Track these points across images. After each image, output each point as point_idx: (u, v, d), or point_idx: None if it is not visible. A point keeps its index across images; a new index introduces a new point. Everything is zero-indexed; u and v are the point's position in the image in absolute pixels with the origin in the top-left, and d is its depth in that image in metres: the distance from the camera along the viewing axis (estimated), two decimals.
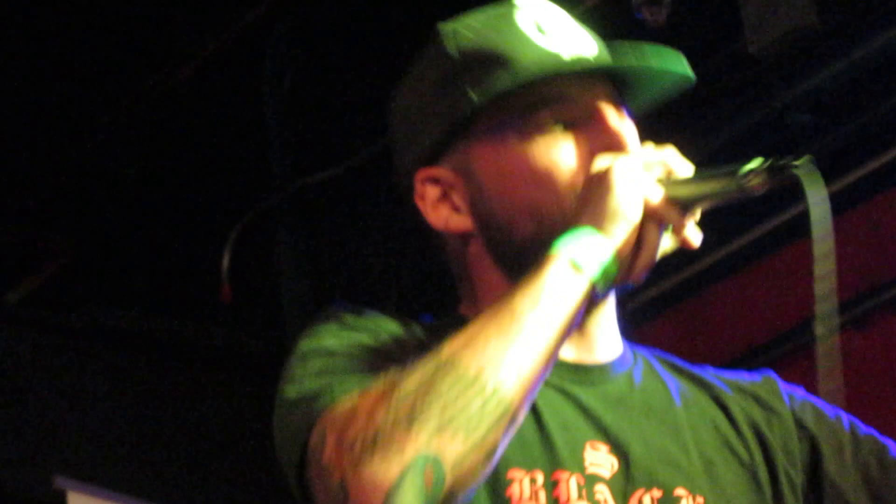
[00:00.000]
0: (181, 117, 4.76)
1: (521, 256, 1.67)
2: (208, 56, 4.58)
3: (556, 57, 1.68)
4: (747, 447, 1.77)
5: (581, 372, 1.80)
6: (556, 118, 1.68)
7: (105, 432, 4.71)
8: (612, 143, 1.64)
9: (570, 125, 1.68)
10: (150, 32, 4.58)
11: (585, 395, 1.78)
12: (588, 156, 1.64)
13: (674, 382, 1.84)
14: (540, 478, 1.71)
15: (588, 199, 1.57)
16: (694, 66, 1.72)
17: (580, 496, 1.69)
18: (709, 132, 4.42)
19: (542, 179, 1.68)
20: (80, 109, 4.67)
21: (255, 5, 4.49)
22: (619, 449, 1.73)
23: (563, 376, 1.76)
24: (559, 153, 1.68)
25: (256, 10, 4.51)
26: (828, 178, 1.53)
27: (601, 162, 1.58)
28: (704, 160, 1.93)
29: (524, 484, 1.71)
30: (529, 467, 1.71)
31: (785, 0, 3.96)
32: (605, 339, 1.81)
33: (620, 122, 1.67)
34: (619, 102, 1.71)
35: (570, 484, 1.70)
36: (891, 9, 4.11)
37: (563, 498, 1.69)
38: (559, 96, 1.68)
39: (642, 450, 1.74)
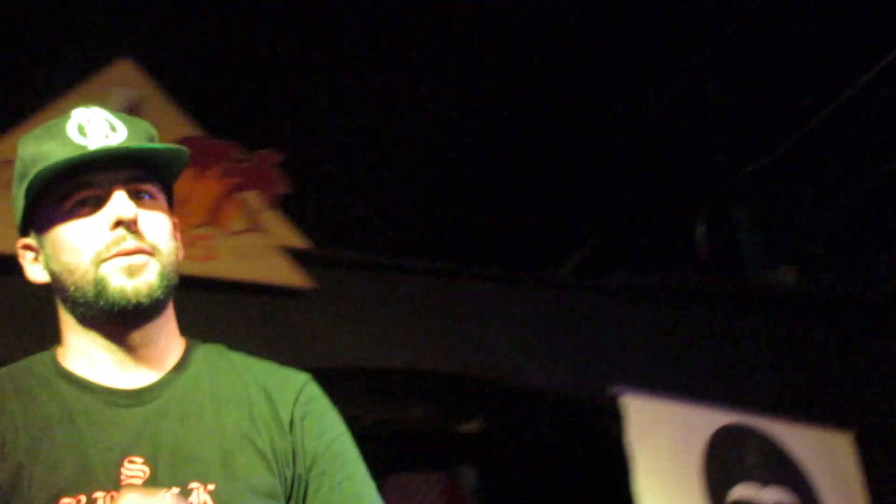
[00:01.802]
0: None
1: (74, 305, 1.87)
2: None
3: (82, 149, 1.85)
4: (262, 441, 1.91)
5: (126, 396, 1.90)
6: (84, 200, 1.86)
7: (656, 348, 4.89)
8: (120, 213, 1.83)
9: (96, 204, 1.85)
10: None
11: (129, 415, 1.88)
12: (102, 225, 1.84)
13: (216, 384, 1.97)
14: (83, 499, 1.79)
15: None
16: None
17: None
18: None
19: (70, 248, 1.85)
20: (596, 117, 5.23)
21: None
22: (151, 458, 1.84)
23: (109, 401, 1.89)
24: (81, 227, 1.85)
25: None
26: None
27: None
28: None
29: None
30: (75, 493, 1.79)
31: None
32: (151, 363, 1.93)
33: (128, 202, 1.84)
34: (141, 180, 1.90)
35: (104, 500, 1.78)
36: None
37: None
38: (86, 183, 1.85)
39: (169, 454, 1.84)
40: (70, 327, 1.92)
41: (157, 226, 1.90)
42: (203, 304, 4.05)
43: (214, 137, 4.30)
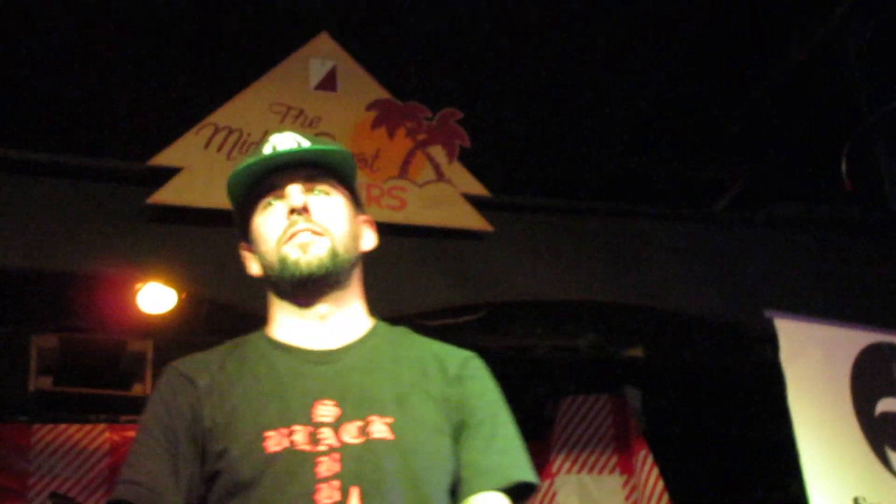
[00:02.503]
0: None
1: (270, 282, 2.11)
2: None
3: (261, 155, 2.08)
4: (433, 388, 2.07)
5: (319, 355, 2.09)
6: (270, 201, 2.09)
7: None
8: (292, 203, 2.05)
9: (278, 201, 2.09)
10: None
11: (321, 370, 2.06)
12: (281, 215, 2.07)
13: (394, 350, 2.13)
14: (284, 431, 1.97)
15: None
16: None
17: (306, 439, 1.96)
18: None
19: (264, 238, 2.09)
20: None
21: None
22: (340, 400, 2.02)
23: (305, 360, 2.08)
24: (268, 220, 2.09)
25: None
26: None
27: None
28: None
29: (273, 438, 1.97)
30: (277, 427, 1.98)
31: None
32: (339, 330, 2.12)
33: (299, 194, 2.06)
34: (315, 178, 2.11)
35: (302, 432, 1.97)
36: None
37: (296, 442, 1.96)
38: (270, 186, 2.09)
39: (353, 397, 2.02)
40: (274, 304, 2.13)
41: (329, 212, 2.10)
42: (397, 247, 4.14)
43: (402, 99, 4.32)
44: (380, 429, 1.97)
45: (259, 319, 2.15)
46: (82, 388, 5.27)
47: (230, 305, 4.07)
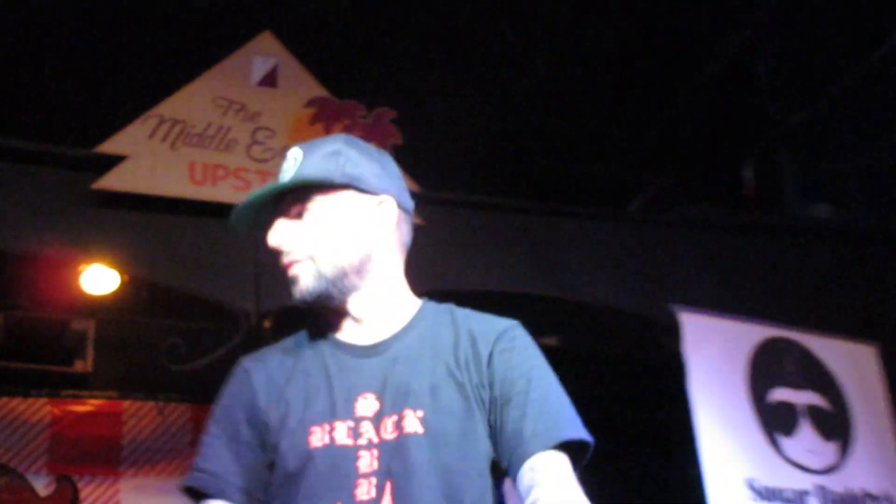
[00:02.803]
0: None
1: None
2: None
3: (247, 198, 2.07)
4: (462, 374, 1.98)
5: (361, 350, 2.05)
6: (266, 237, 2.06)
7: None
8: (270, 245, 2.05)
9: None
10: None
11: (367, 364, 2.03)
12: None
13: (436, 335, 2.05)
14: (326, 427, 1.97)
15: None
16: None
17: (347, 434, 1.95)
18: None
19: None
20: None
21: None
22: (380, 394, 1.98)
23: (352, 354, 2.05)
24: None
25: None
26: None
27: None
28: None
29: (315, 434, 1.97)
30: (321, 423, 1.97)
31: None
32: (381, 324, 2.07)
33: (273, 233, 2.04)
34: (302, 199, 2.03)
35: (342, 427, 1.96)
36: None
37: (336, 437, 1.95)
38: (265, 222, 2.07)
39: (392, 390, 1.98)
40: None
41: (315, 233, 2.02)
42: None
43: (339, 98, 4.34)
44: (412, 423, 1.93)
45: (197, 300, 2.17)
46: (25, 363, 5.23)
47: (170, 287, 4.06)
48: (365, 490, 1.89)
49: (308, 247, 2.02)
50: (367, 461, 1.92)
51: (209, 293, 3.93)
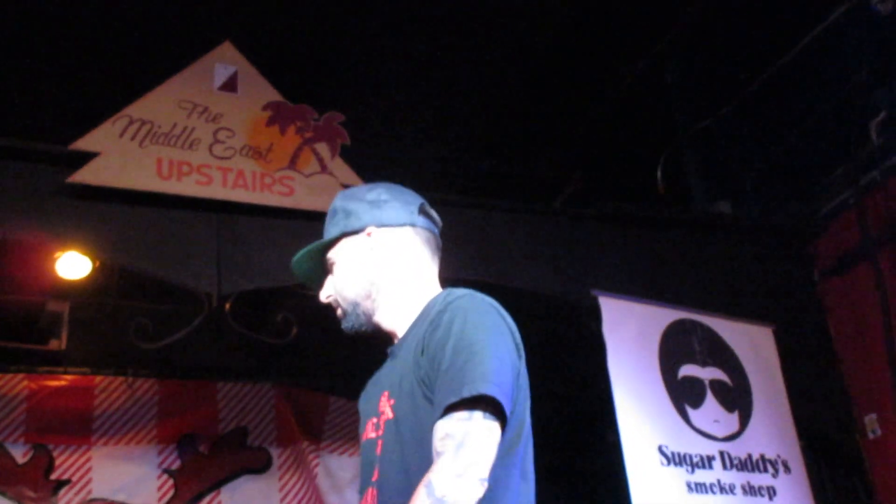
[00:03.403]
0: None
1: None
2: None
3: (293, 269, 2.32)
4: (420, 358, 2.01)
5: (389, 354, 2.19)
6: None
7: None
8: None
9: None
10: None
11: (389, 365, 2.18)
12: None
13: (423, 326, 2.06)
14: (366, 425, 2.15)
15: None
16: None
17: (372, 429, 2.11)
18: None
19: None
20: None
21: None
22: (390, 391, 2.09)
23: (388, 356, 2.19)
24: None
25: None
26: None
27: None
28: None
29: (364, 428, 2.16)
30: (370, 417, 2.15)
31: None
32: (399, 330, 2.16)
33: (321, 290, 2.24)
34: (326, 258, 2.24)
35: (371, 423, 2.12)
36: None
37: (368, 432, 2.13)
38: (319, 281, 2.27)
39: (390, 385, 2.10)
40: None
41: (338, 282, 2.20)
42: (286, 227, 4.13)
43: (293, 102, 4.31)
44: (388, 411, 2.05)
45: (164, 284, 2.16)
46: (4, 342, 5.15)
47: (138, 272, 4.02)
48: (375, 473, 2.03)
49: (336, 295, 2.21)
50: (379, 448, 2.05)
51: (174, 278, 3.90)
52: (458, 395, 1.84)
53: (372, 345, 2.30)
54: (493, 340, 1.94)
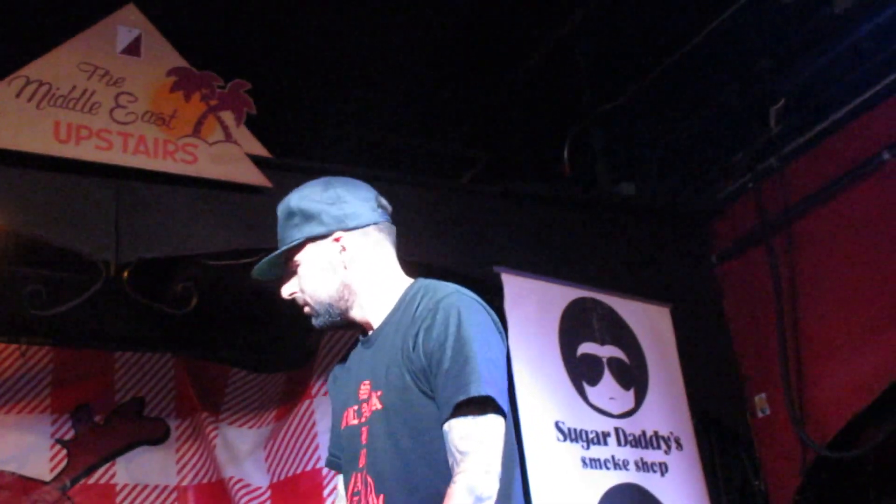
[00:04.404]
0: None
1: None
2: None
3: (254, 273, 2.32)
4: (405, 352, 2.09)
5: (365, 343, 2.26)
6: None
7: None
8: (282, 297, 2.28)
9: None
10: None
11: (366, 354, 2.24)
12: None
13: (400, 319, 2.16)
14: (346, 412, 2.22)
15: None
16: None
17: (353, 416, 2.19)
18: None
19: None
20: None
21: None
22: (370, 380, 2.17)
23: (362, 347, 2.27)
24: None
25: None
26: None
27: None
28: None
29: (343, 419, 2.23)
30: (347, 406, 2.23)
31: None
32: (374, 321, 2.22)
33: (282, 287, 2.27)
34: (290, 260, 2.25)
35: (351, 411, 2.20)
36: None
37: (347, 419, 2.21)
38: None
39: (373, 376, 2.16)
40: None
41: (307, 285, 2.24)
42: (190, 196, 4.07)
43: (198, 69, 4.23)
44: (375, 401, 2.12)
45: (60, 251, 2.10)
46: None
47: (33, 237, 3.91)
48: (362, 459, 2.11)
49: (303, 294, 2.24)
50: (364, 436, 2.13)
51: (70, 244, 3.81)
52: (466, 394, 1.98)
53: (272, 318, 2.30)
54: (488, 339, 2.08)
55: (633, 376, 4.61)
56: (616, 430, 4.40)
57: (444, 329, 2.05)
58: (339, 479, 2.30)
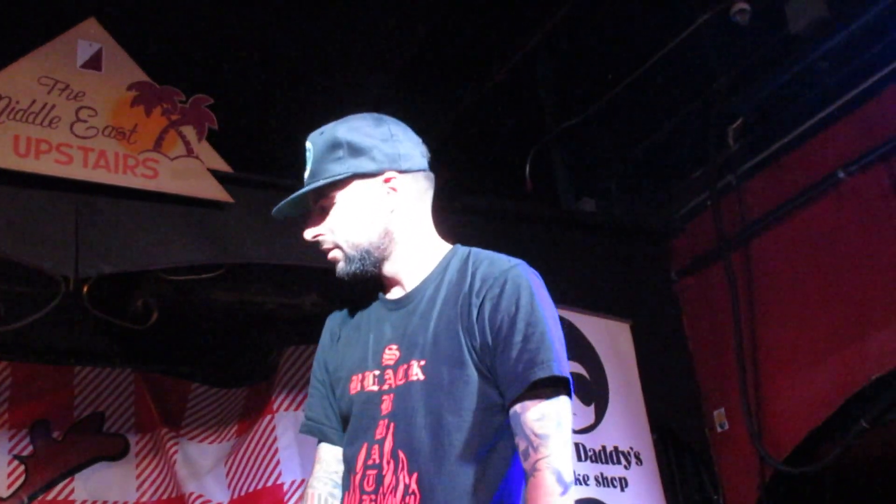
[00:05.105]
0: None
1: None
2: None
3: (277, 208, 2.15)
4: (460, 322, 1.97)
5: (393, 304, 2.08)
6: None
7: None
8: (306, 239, 2.11)
9: None
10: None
11: (394, 316, 2.06)
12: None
13: (449, 285, 2.03)
14: (360, 376, 2.05)
15: None
16: None
17: (373, 382, 2.01)
18: None
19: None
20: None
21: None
22: (400, 345, 2.01)
23: (386, 307, 2.09)
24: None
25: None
26: None
27: None
28: None
29: (353, 382, 2.05)
30: (358, 372, 2.05)
31: None
32: (406, 279, 2.08)
33: (308, 231, 2.09)
34: (322, 196, 2.07)
35: (369, 375, 2.03)
36: None
37: (366, 385, 2.03)
38: (304, 217, 2.14)
39: (407, 341, 2.00)
40: None
41: (337, 223, 2.04)
42: (150, 211, 4.05)
43: (159, 83, 4.22)
44: (415, 370, 1.95)
45: (18, 266, 2.07)
46: None
47: None
48: (380, 430, 1.94)
49: (333, 236, 2.04)
50: (386, 405, 1.96)
51: (28, 259, 3.77)
52: (545, 372, 1.88)
53: (233, 333, 2.27)
54: (556, 318, 2.00)
55: (593, 392, 4.62)
56: (576, 445, 4.41)
57: (515, 301, 1.94)
58: (322, 446, 2.13)
